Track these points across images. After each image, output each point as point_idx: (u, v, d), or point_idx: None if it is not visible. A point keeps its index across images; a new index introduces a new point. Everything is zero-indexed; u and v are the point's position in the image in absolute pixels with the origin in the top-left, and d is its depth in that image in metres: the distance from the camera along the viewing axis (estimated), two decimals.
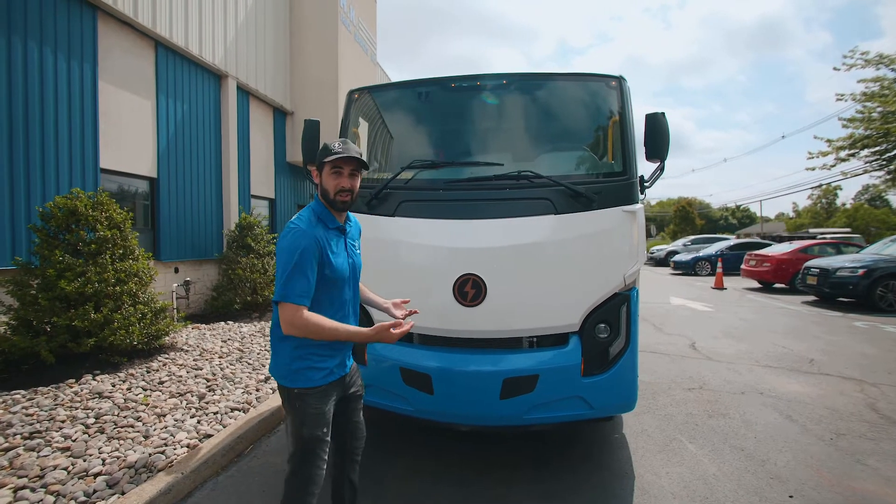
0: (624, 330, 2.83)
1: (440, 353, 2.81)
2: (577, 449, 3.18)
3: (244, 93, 9.02)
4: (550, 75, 3.22)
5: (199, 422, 3.29)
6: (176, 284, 7.15)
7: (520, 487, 2.70)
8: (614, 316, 2.81)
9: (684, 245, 23.10)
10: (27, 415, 3.22)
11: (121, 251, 4.61)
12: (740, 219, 66.71)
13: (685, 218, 35.67)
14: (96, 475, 2.56)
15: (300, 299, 1.62)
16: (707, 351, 5.88)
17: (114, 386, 3.85)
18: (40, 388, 3.73)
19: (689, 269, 17.91)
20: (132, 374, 4.15)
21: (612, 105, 3.11)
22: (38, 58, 5.06)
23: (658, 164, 3.14)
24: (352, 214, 2.08)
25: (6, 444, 2.81)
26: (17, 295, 4.11)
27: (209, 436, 3.11)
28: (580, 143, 3.27)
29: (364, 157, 3.54)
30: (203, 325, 6.59)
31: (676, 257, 19.53)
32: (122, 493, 2.42)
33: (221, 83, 8.33)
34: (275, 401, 3.75)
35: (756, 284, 13.79)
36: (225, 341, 5.62)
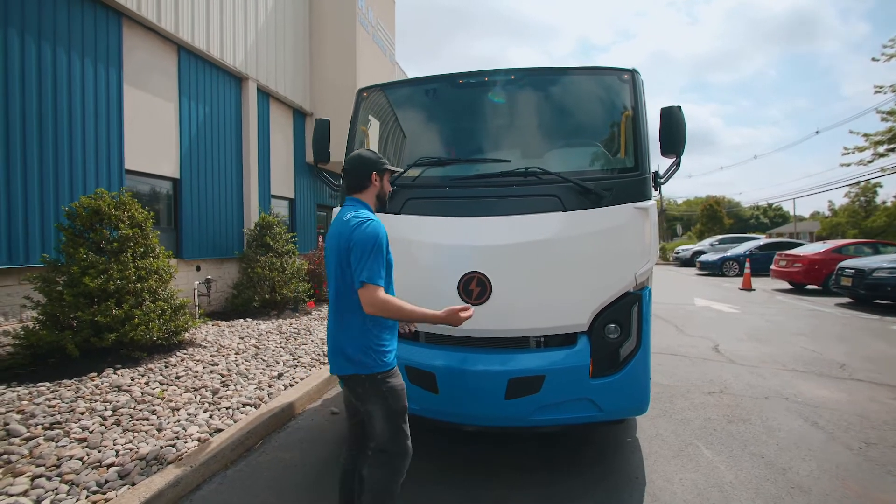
0: (635, 331, 2.75)
1: (445, 351, 2.78)
2: (586, 452, 3.10)
3: (264, 94, 9.20)
4: (561, 70, 3.16)
5: (210, 416, 3.36)
6: (198, 282, 7.34)
7: (523, 491, 2.64)
8: (625, 316, 2.73)
9: (711, 245, 22.42)
10: (49, 406, 3.34)
11: (142, 249, 4.75)
12: (772, 218, 64.33)
13: (712, 217, 34.51)
14: (109, 466, 2.63)
15: (381, 280, 1.82)
16: (730, 354, 5.67)
17: (132, 380, 3.97)
18: (64, 381, 3.87)
19: (715, 269, 17.37)
20: (151, 369, 4.27)
21: (625, 99, 3.02)
22: (66, 63, 5.27)
23: (674, 159, 3.05)
24: None
25: (28, 434, 2.92)
26: (44, 291, 4.28)
27: (220, 430, 3.17)
28: (591, 139, 3.19)
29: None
30: (223, 322, 6.74)
31: (703, 257, 18.97)
32: (133, 484, 2.48)
33: (242, 85, 8.52)
34: (284, 398, 3.79)
35: (786, 286, 13.26)
36: (242, 338, 5.73)
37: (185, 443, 2.95)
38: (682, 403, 3.99)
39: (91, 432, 3.00)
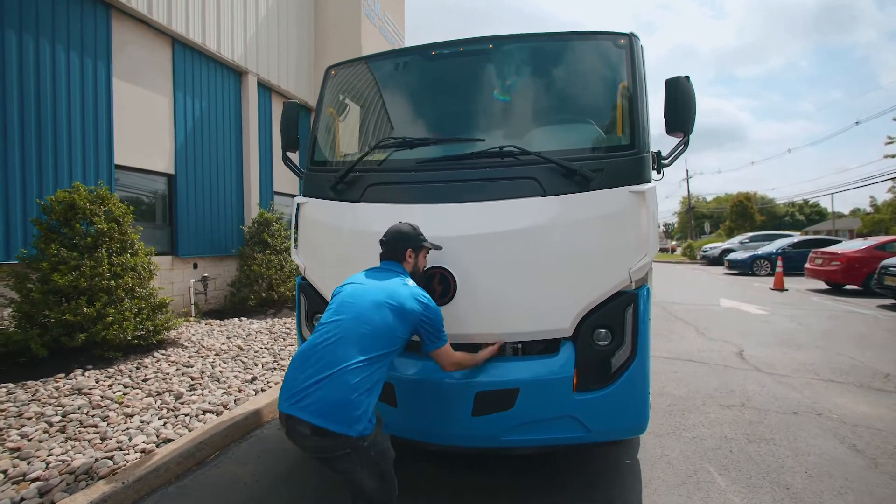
0: (630, 336, 2.31)
1: (405, 359, 2.41)
2: (572, 477, 2.68)
3: (266, 89, 9.02)
4: (548, 35, 2.75)
5: (164, 424, 3.09)
6: (194, 280, 7.19)
7: None
8: (617, 319, 2.30)
9: (741, 242, 21.27)
10: None
11: (118, 245, 4.56)
12: (808, 215, 61.28)
13: (743, 214, 32.76)
14: (33, 480, 2.38)
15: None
16: (756, 361, 5.11)
17: (97, 382, 3.76)
18: (28, 382, 3.69)
19: (745, 268, 16.41)
20: (120, 371, 4.06)
21: (621, 67, 2.59)
22: (50, 56, 5.14)
23: (681, 137, 2.60)
24: None
25: None
26: (17, 288, 4.13)
27: (169, 440, 2.89)
28: (582, 115, 2.76)
29: (342, 137, 3.22)
30: (216, 321, 6.55)
31: (731, 256, 17.98)
32: (51, 503, 2.21)
33: (242, 79, 8.35)
34: (252, 404, 3.50)
35: (823, 286, 12.32)
36: (229, 338, 5.50)
37: (127, 454, 2.68)
38: (696, 419, 3.51)
39: (29, 440, 2.77)
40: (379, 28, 11.25)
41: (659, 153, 2.72)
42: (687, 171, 41.57)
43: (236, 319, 6.75)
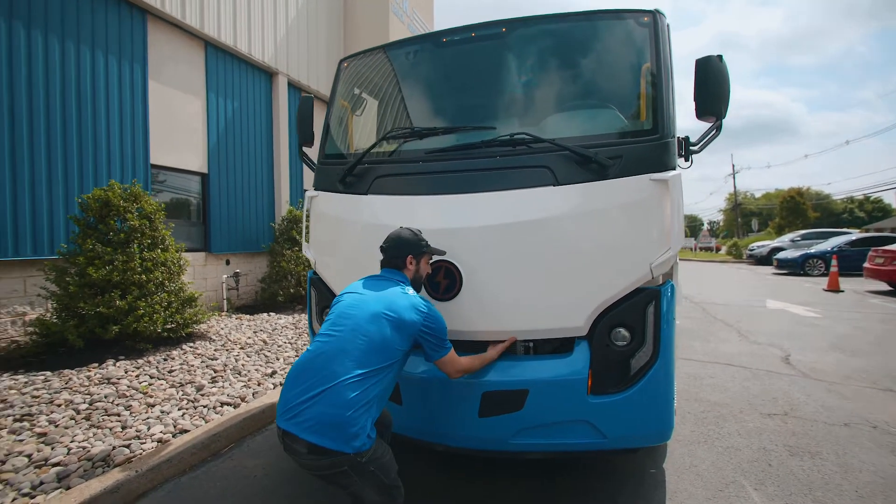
0: (651, 336, 2.13)
1: (411, 358, 2.32)
2: (590, 483, 2.51)
3: (296, 89, 9.18)
4: (563, 16, 2.59)
5: (183, 415, 3.15)
6: (226, 276, 7.41)
7: None
8: (637, 318, 2.13)
9: (792, 241, 19.94)
10: (33, 397, 3.30)
11: (149, 241, 4.72)
12: (870, 212, 56.86)
13: (794, 210, 30.54)
14: (54, 465, 2.46)
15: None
16: (804, 366, 4.71)
17: (126, 372, 3.90)
18: (64, 371, 3.87)
19: (796, 267, 15.36)
20: (149, 362, 4.20)
21: (644, 47, 2.40)
22: (89, 61, 5.40)
23: (713, 122, 2.40)
24: None
25: None
26: (56, 281, 4.35)
27: (185, 431, 2.94)
28: (601, 98, 2.59)
29: (353, 130, 3.17)
30: (245, 316, 6.72)
31: (781, 254, 16.89)
32: (67, 489, 2.27)
33: (272, 80, 8.54)
34: (269, 397, 3.53)
35: (884, 286, 11.33)
36: (255, 332, 5.61)
37: (144, 443, 2.74)
38: (732, 427, 3.25)
39: (56, 426, 2.88)
40: (407, 25, 11.25)
41: (687, 139, 2.51)
42: (733, 165, 39.59)
43: (265, 314, 6.90)
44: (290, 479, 2.62)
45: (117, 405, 3.24)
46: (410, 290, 1.95)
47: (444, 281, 2.21)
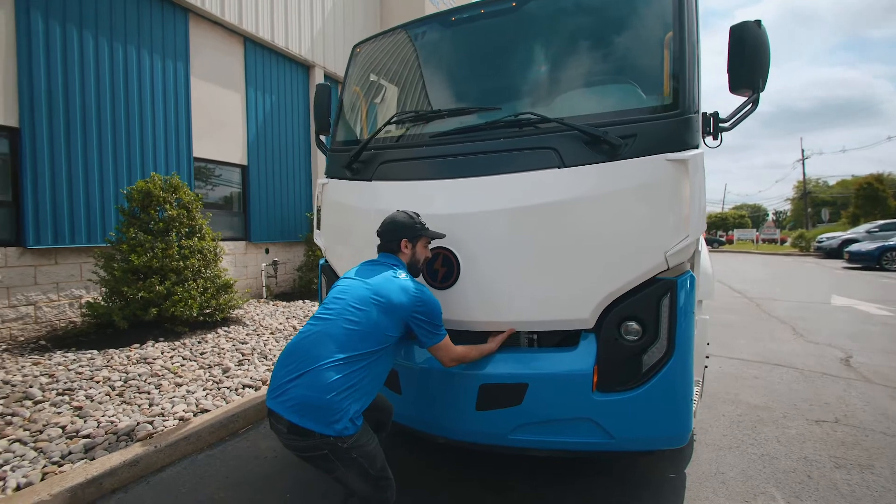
0: (665, 331, 1.96)
1: (413, 346, 2.28)
2: (600, 485, 2.37)
3: (333, 81, 9.32)
4: None
5: (206, 395, 3.29)
6: (265, 264, 7.71)
7: None
8: (650, 311, 1.96)
9: (868, 232, 18.06)
10: (77, 373, 3.57)
11: (186, 230, 4.96)
12: None
13: (872, 198, 27.42)
14: (84, 437, 2.63)
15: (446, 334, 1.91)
16: (866, 369, 4.24)
17: (162, 353, 4.13)
18: (109, 350, 4.16)
19: (871, 261, 13.93)
20: (184, 344, 4.43)
21: (665, 13, 2.18)
22: (136, 59, 5.72)
23: (749, 95, 2.15)
24: None
25: (40, 398, 3.10)
26: (105, 267, 4.67)
27: (205, 411, 3.06)
28: (619, 73, 2.39)
29: (363, 115, 3.14)
30: (282, 303, 6.96)
31: (853, 247, 15.36)
32: (91, 459, 2.43)
33: (309, 72, 8.71)
34: None
35: None
36: (287, 318, 5.80)
37: (166, 420, 2.88)
38: (770, 433, 2.97)
39: (91, 401, 3.09)
40: None
41: (716, 114, 2.26)
42: (802, 150, 36.32)
43: (300, 302, 7.12)
44: (300, 463, 2.65)
45: (149, 383, 3.43)
46: (403, 274, 1.90)
47: (441, 268, 2.14)
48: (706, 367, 3.18)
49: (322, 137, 3.29)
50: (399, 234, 1.97)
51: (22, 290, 4.80)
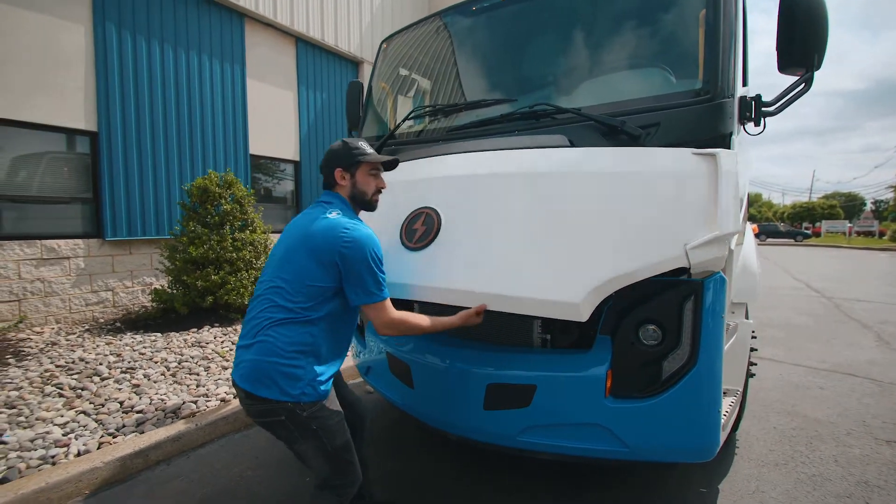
0: (689, 337, 1.81)
1: (425, 341, 2.28)
2: (617, 496, 2.25)
3: None
4: None
5: None
6: None
7: None
8: (671, 314, 1.81)
9: None
10: (140, 353, 3.94)
11: (240, 223, 5.30)
12: None
13: None
14: (137, 412, 2.92)
15: (387, 293, 1.64)
16: None
17: (215, 338, 4.46)
18: (170, 333, 4.57)
19: None
20: (236, 330, 4.76)
21: None
22: (197, 63, 6.15)
23: (801, 74, 1.94)
24: None
25: (107, 375, 3.47)
26: (168, 258, 5.12)
27: None
28: (645, 58, 2.22)
29: (388, 111, 3.17)
30: None
31: None
32: (141, 433, 2.68)
33: (358, 69, 8.92)
34: None
35: None
36: None
37: (209, 401, 3.11)
38: (828, 451, 2.67)
39: (148, 380, 3.41)
40: None
41: (758, 97, 2.04)
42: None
43: None
44: None
45: (199, 365, 3.72)
46: (335, 212, 1.63)
47: (421, 227, 2.06)
48: (752, 374, 2.91)
49: (353, 133, 3.36)
50: (332, 163, 1.73)
51: (102, 277, 5.38)
